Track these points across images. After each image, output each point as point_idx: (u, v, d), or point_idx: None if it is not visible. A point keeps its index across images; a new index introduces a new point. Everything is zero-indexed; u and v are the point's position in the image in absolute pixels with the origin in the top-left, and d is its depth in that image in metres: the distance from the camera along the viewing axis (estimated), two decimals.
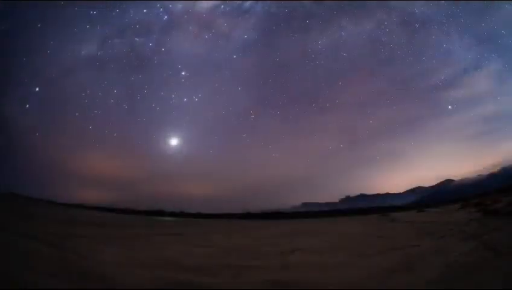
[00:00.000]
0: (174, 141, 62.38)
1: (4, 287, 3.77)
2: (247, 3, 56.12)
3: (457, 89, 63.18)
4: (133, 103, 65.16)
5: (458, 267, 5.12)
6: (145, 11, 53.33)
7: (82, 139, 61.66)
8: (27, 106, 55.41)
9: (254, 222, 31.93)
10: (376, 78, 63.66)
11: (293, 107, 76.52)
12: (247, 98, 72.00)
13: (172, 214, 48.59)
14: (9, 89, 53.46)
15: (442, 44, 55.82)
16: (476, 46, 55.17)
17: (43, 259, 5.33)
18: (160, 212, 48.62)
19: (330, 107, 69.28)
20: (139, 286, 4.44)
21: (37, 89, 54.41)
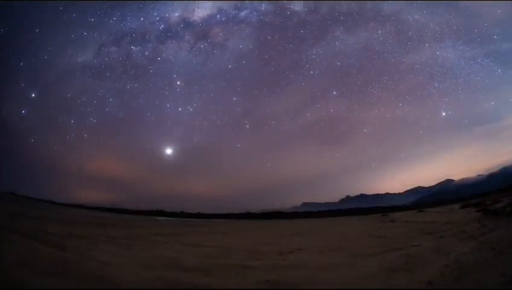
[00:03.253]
0: (169, 150, 62.41)
1: (4, 287, 3.77)
2: (243, 13, 56.08)
3: (451, 94, 63.90)
4: (129, 112, 64.90)
5: (458, 267, 5.11)
6: (142, 19, 53.13)
7: (79, 145, 61.62)
8: (23, 111, 55.33)
9: (254, 222, 31.95)
10: (371, 86, 64.05)
11: (288, 116, 76.73)
12: (242, 107, 72.23)
13: (172, 214, 48.67)
14: (7, 92, 53.34)
15: (435, 51, 56.15)
16: (469, 51, 55.54)
17: (43, 259, 5.32)
18: (160, 212, 48.70)
19: (327, 113, 69.60)
20: (139, 286, 4.43)
21: (33, 95, 54.27)
